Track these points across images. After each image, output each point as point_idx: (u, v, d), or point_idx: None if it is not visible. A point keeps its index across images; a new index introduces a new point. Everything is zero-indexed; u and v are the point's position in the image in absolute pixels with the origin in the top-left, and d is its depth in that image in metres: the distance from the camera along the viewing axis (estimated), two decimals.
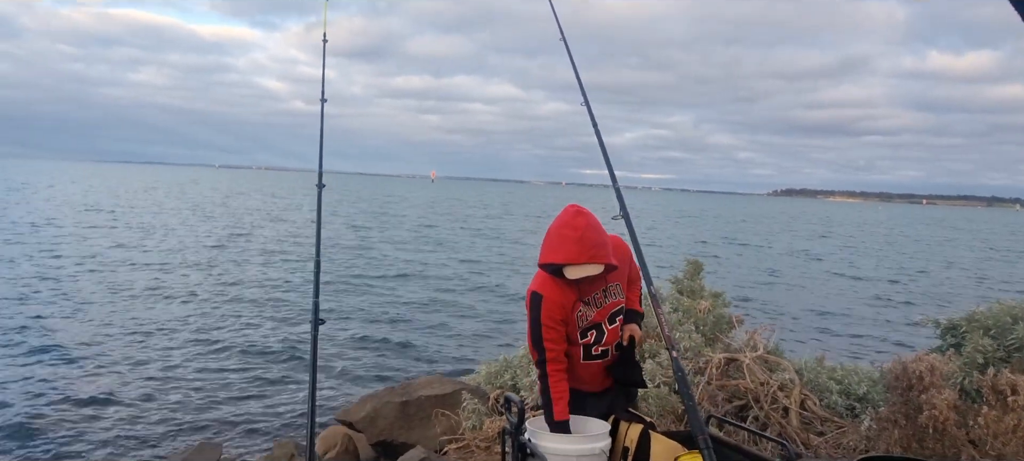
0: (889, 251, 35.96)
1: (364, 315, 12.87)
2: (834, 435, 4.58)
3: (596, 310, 2.72)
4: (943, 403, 3.15)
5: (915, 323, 5.44)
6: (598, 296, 2.72)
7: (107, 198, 49.82)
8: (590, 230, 2.51)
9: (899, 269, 26.52)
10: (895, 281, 22.49)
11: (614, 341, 2.79)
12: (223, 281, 15.94)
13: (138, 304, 12.78)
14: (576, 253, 2.48)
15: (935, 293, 20.10)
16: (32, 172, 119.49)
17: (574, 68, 2.89)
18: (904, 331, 13.63)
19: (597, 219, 2.58)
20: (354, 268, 19.35)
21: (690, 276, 6.85)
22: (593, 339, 2.75)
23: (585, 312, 2.70)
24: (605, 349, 2.79)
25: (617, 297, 2.79)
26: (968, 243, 45.94)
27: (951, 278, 24.23)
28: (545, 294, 2.64)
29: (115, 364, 8.96)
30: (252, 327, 11.42)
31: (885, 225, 72.31)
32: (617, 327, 2.79)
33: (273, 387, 8.36)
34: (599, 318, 2.74)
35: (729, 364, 5.37)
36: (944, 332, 4.88)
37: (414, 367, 9.49)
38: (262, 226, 32.51)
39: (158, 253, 20.43)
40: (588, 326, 2.73)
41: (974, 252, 38.16)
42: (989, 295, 19.22)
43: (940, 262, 30.76)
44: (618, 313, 2.79)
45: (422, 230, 35.27)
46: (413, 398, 6.10)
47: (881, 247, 38.68)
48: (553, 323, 2.63)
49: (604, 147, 2.78)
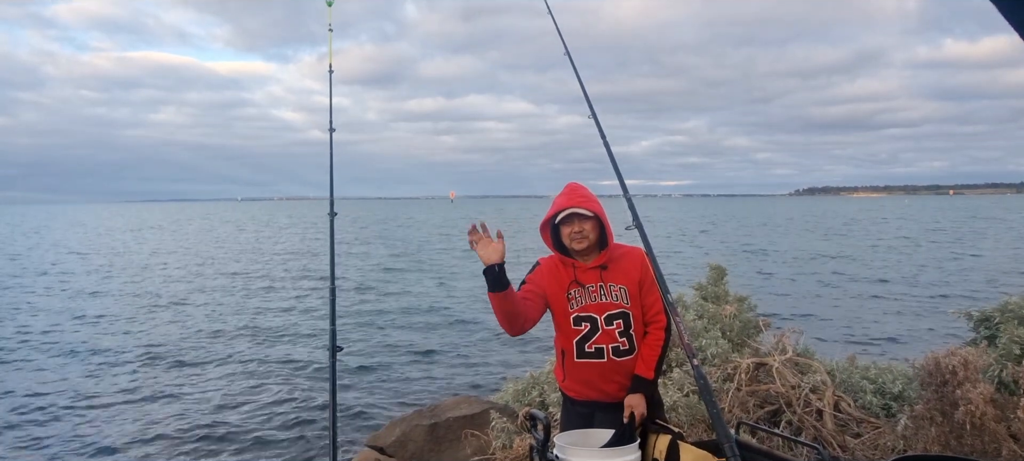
0: (912, 245, 35.31)
1: (387, 338, 12.91)
2: (871, 436, 4.48)
3: (590, 301, 2.80)
4: (979, 397, 3.07)
5: (953, 314, 5.31)
6: (593, 289, 2.81)
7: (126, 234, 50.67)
8: (579, 189, 2.88)
9: (922, 265, 26.03)
10: (916, 276, 22.08)
11: (610, 343, 2.80)
12: (242, 310, 16.10)
13: (152, 333, 13.06)
14: (564, 202, 2.81)
15: (965, 285, 19.67)
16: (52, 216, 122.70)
17: (579, 80, 2.92)
18: (938, 326, 13.36)
19: (590, 190, 2.91)
20: (373, 292, 19.45)
21: (714, 282, 6.79)
22: (586, 331, 2.80)
23: (577, 296, 2.80)
24: (599, 347, 2.80)
25: (619, 300, 2.81)
26: (996, 233, 44.96)
27: (979, 269, 23.70)
28: (542, 262, 2.94)
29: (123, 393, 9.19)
30: (274, 355, 11.51)
31: (911, 219, 71.06)
32: (614, 330, 2.80)
33: (299, 414, 8.39)
34: (595, 311, 2.80)
35: (758, 369, 5.29)
36: (977, 324, 4.77)
37: (441, 388, 9.47)
38: (279, 255, 32.81)
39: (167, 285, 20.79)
40: (581, 314, 2.80)
41: (1001, 242, 37.32)
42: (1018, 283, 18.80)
43: (968, 253, 30.12)
44: (618, 316, 2.81)
45: (440, 250, 35.37)
46: (442, 420, 6.09)
47: (906, 242, 37.99)
48: (535, 282, 2.85)
49: (613, 156, 2.80)
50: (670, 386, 4.87)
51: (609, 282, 2.81)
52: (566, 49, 2.96)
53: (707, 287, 6.77)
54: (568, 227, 2.81)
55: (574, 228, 2.80)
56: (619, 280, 2.82)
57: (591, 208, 2.79)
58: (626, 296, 2.81)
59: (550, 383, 5.98)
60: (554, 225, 2.88)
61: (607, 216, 2.83)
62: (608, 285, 2.81)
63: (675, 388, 4.86)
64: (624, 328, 2.81)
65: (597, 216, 2.80)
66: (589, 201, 2.82)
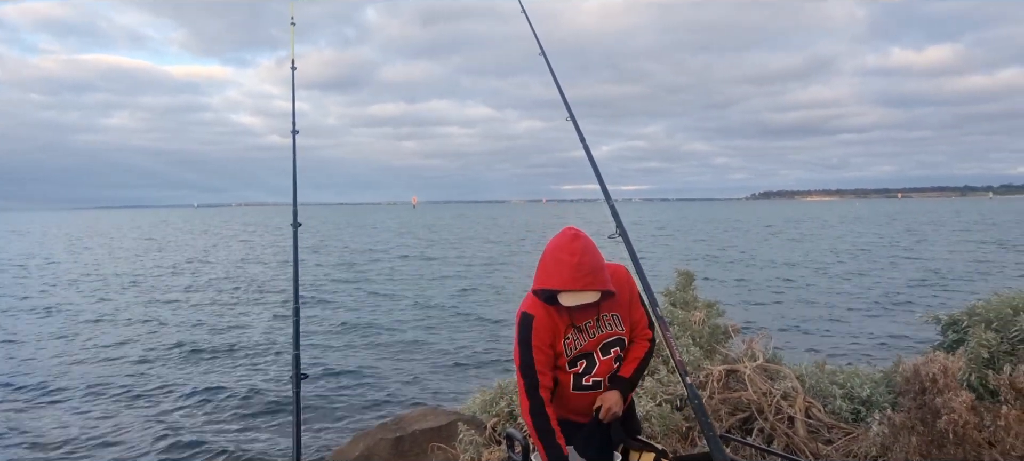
0: (866, 248, 36.25)
1: (350, 349, 12.60)
2: (843, 442, 4.45)
3: (588, 339, 2.58)
4: (962, 406, 3.05)
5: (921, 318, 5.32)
6: (590, 324, 2.57)
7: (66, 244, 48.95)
8: (587, 254, 2.40)
9: (876, 266, 26.71)
10: (865, 275, 22.63)
11: (607, 372, 2.63)
12: (198, 326, 15.57)
13: (103, 350, 12.44)
14: (571, 279, 2.36)
15: (921, 287, 20.21)
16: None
17: (555, 80, 2.79)
18: (896, 327, 13.65)
19: (594, 244, 2.47)
20: (333, 299, 19.08)
21: (682, 287, 6.76)
22: (583, 368, 2.61)
23: (575, 339, 2.56)
24: (597, 380, 2.63)
25: (614, 328, 2.63)
26: (941, 235, 46.48)
27: (931, 270, 24.40)
28: (536, 315, 2.53)
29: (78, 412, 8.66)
30: (233, 375, 10.93)
31: (862, 222, 73.10)
32: (611, 359, 2.63)
33: (260, 433, 8.08)
34: (591, 347, 2.59)
35: (729, 376, 5.24)
36: (945, 328, 4.80)
37: (406, 399, 9.25)
38: (241, 265, 32.03)
39: (122, 298, 19.99)
40: (578, 354, 2.59)
41: (949, 244, 38.61)
42: (970, 287, 19.38)
43: (917, 256, 31.03)
44: (614, 344, 2.63)
45: (403, 258, 35.01)
46: (407, 433, 5.91)
47: (859, 245, 39.00)
48: (543, 346, 2.52)
49: (593, 160, 2.67)
50: (643, 396, 4.78)
51: (603, 312, 2.62)
52: (541, 49, 2.84)
53: (676, 293, 6.73)
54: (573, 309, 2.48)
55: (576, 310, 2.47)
56: (612, 307, 2.63)
57: (605, 287, 2.42)
58: (619, 322, 2.64)
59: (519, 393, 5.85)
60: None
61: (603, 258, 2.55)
62: (603, 316, 2.61)
63: (648, 398, 4.77)
64: (620, 353, 2.67)
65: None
66: (599, 280, 2.41)
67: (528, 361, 2.52)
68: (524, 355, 2.54)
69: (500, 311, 16.68)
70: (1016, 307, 4.38)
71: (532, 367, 2.51)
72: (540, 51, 2.81)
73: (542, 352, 2.52)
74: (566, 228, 2.51)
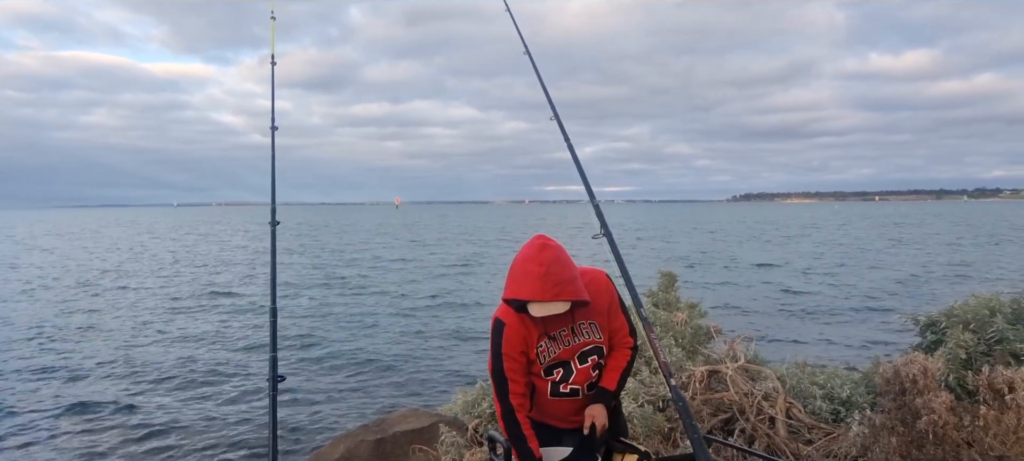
0: (845, 250, 36.69)
1: (330, 349, 12.49)
2: (823, 443, 4.49)
3: (562, 348, 2.55)
4: (941, 407, 3.07)
5: (900, 318, 5.38)
6: (565, 333, 2.54)
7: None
8: (555, 265, 2.34)
9: (855, 267, 27.04)
10: (843, 276, 22.90)
11: (585, 381, 2.61)
12: (175, 327, 15.37)
13: (80, 347, 12.23)
14: (540, 289, 2.31)
15: (898, 289, 20.47)
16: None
17: (540, 79, 2.77)
18: (874, 328, 13.81)
19: (565, 253, 2.40)
20: (313, 299, 18.93)
21: (665, 288, 6.78)
22: (560, 377, 2.59)
23: (548, 347, 2.54)
24: (575, 387, 2.61)
25: (590, 336, 2.59)
26: (922, 237, 47.16)
27: (911, 274, 24.74)
28: (508, 322, 2.51)
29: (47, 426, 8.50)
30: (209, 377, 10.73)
31: (842, 225, 73.96)
32: (589, 367, 2.59)
33: (236, 436, 7.96)
34: (567, 355, 2.57)
35: (711, 376, 5.26)
36: (923, 329, 4.85)
37: (387, 401, 9.19)
38: (218, 266, 31.68)
39: (96, 298, 19.69)
40: (553, 363, 2.57)
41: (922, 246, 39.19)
42: (948, 288, 19.67)
43: (895, 258, 31.45)
44: (591, 352, 2.60)
45: (385, 258, 34.84)
46: (388, 435, 5.86)
47: (837, 247, 39.45)
48: (514, 354, 2.51)
49: (578, 161, 2.65)
50: (626, 397, 4.78)
51: (579, 320, 2.57)
52: (526, 48, 2.82)
53: (658, 294, 6.76)
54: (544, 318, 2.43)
55: (549, 317, 2.41)
56: (589, 315, 2.57)
57: (573, 297, 2.35)
58: (597, 330, 2.59)
59: None
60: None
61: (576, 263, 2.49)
62: (578, 324, 2.56)
63: (630, 399, 4.77)
64: (598, 361, 2.63)
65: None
66: (567, 291, 2.34)
67: (498, 367, 2.53)
68: (495, 362, 2.54)
69: (481, 312, 16.65)
70: (993, 308, 4.44)
71: (502, 373, 2.52)
72: (525, 50, 2.79)
73: (513, 359, 2.51)
74: (535, 236, 2.45)
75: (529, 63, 3.08)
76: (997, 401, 3.07)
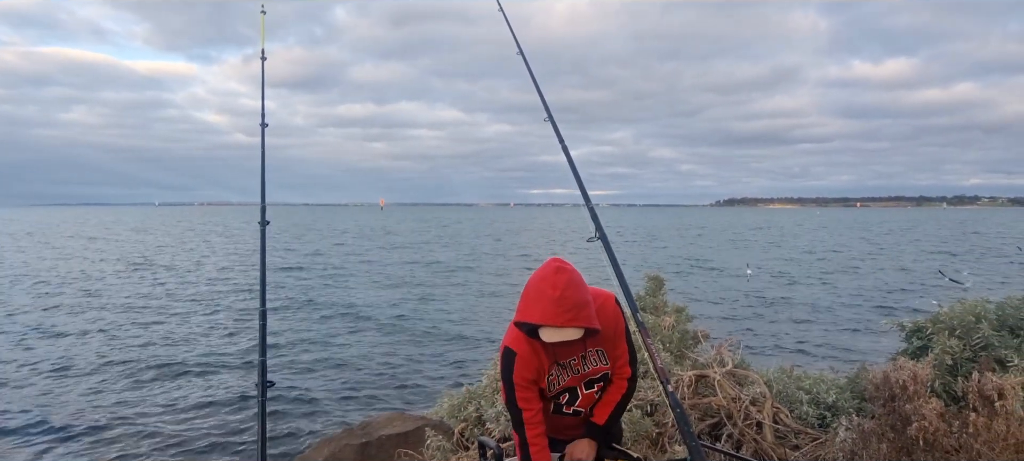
0: (829, 255, 37.04)
1: (314, 352, 12.37)
2: (810, 448, 4.49)
3: (571, 375, 2.53)
4: (932, 413, 3.08)
5: (886, 324, 5.40)
6: (575, 361, 2.51)
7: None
8: (571, 288, 2.25)
9: (836, 272, 27.28)
10: (829, 281, 23.10)
11: (589, 404, 2.60)
12: (160, 330, 15.16)
13: (61, 349, 12.02)
14: (553, 314, 2.22)
15: (883, 294, 20.66)
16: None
17: (533, 79, 2.74)
18: (858, 333, 13.91)
19: (580, 276, 2.32)
20: (297, 300, 18.76)
21: (652, 292, 6.76)
22: (566, 400, 2.59)
23: (558, 376, 2.50)
24: (579, 410, 2.61)
25: (598, 364, 2.56)
26: (904, 244, 47.73)
27: (891, 279, 25.00)
28: (518, 352, 2.44)
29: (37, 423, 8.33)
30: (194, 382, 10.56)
31: (823, 230, 74.68)
32: (594, 392, 2.58)
33: (220, 439, 7.85)
34: (574, 382, 2.55)
35: (699, 381, 5.25)
36: (909, 335, 4.87)
37: (372, 404, 9.10)
38: (202, 266, 31.34)
39: (76, 298, 19.39)
40: (561, 390, 2.55)
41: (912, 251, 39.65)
42: (931, 294, 19.89)
43: (878, 264, 31.79)
44: (598, 380, 2.59)
45: (370, 260, 34.65)
46: (374, 438, 5.79)
47: (821, 252, 39.81)
48: (525, 383, 2.45)
49: (572, 161, 2.62)
50: None
51: (590, 348, 2.53)
52: (520, 48, 2.79)
53: (645, 298, 6.74)
54: (556, 345, 2.37)
55: (560, 346, 2.37)
56: (598, 343, 2.52)
57: (585, 325, 2.27)
58: (604, 358, 2.57)
59: (487, 398, 5.78)
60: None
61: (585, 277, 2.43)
62: (588, 353, 2.52)
63: None
64: (603, 388, 2.62)
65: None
66: (582, 316, 2.25)
67: (511, 398, 2.48)
68: (508, 393, 2.50)
69: (467, 316, 16.59)
70: (978, 314, 4.46)
71: (515, 404, 2.47)
72: (518, 50, 2.77)
73: (525, 389, 2.45)
74: (550, 260, 2.37)
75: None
76: (986, 408, 3.09)
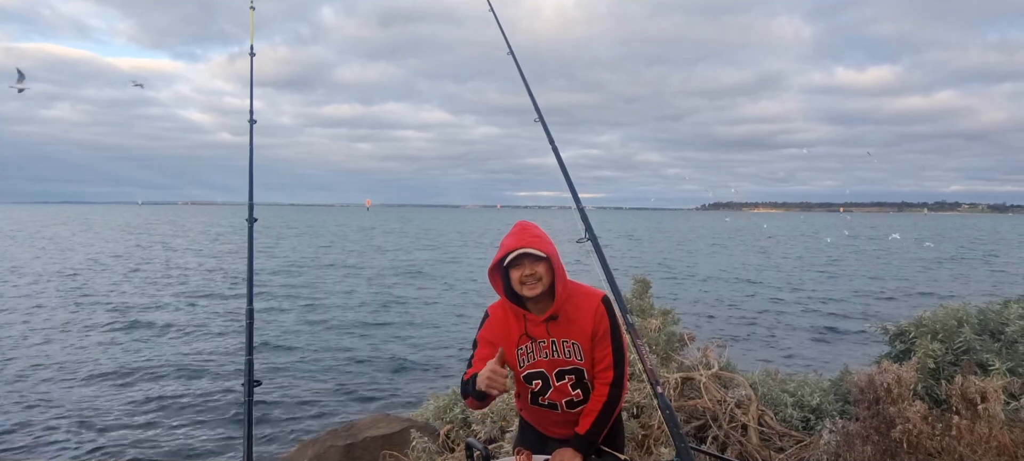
0: (814, 259, 37.36)
1: (298, 353, 12.29)
2: (794, 450, 4.51)
3: (541, 357, 2.62)
4: (916, 415, 3.11)
5: (870, 327, 5.46)
6: (544, 343, 2.61)
7: None
8: (529, 227, 2.63)
9: (820, 277, 27.53)
10: (813, 285, 23.32)
11: (562, 398, 2.66)
12: (143, 326, 15.00)
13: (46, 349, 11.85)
14: (512, 243, 2.55)
15: (866, 298, 20.87)
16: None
17: (524, 79, 2.75)
18: (841, 336, 14.04)
19: (544, 232, 2.64)
20: (281, 300, 18.64)
21: (638, 295, 6.77)
22: (538, 388, 2.66)
23: (528, 351, 2.62)
24: (553, 402, 2.67)
25: (572, 356, 2.61)
26: (890, 249, 48.27)
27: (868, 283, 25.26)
28: (493, 313, 2.71)
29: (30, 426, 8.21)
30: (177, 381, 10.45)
31: (807, 234, 75.33)
32: (566, 385, 2.64)
33: (202, 443, 7.77)
34: (545, 367, 2.63)
35: (685, 383, 5.27)
36: (892, 338, 4.92)
37: (357, 405, 9.05)
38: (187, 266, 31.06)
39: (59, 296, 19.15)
40: (533, 371, 2.63)
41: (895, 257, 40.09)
42: (914, 299, 20.12)
43: (862, 268, 32.12)
44: (570, 372, 2.63)
45: (355, 261, 34.50)
46: (358, 440, 5.76)
47: (807, 256, 40.16)
48: (485, 343, 2.66)
49: (562, 161, 2.64)
50: None
51: (561, 337, 2.60)
52: (510, 48, 2.79)
53: (632, 300, 6.74)
54: (518, 270, 2.54)
55: (525, 271, 2.52)
56: (571, 335, 2.60)
57: (543, 249, 2.52)
58: (579, 352, 2.61)
59: None
60: (504, 268, 2.57)
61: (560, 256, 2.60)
62: (560, 341, 2.60)
63: None
64: (577, 381, 2.65)
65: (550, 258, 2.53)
66: (541, 241, 2.56)
67: (473, 346, 2.70)
68: (474, 343, 2.72)
69: (453, 317, 16.55)
70: (960, 318, 4.51)
71: (470, 360, 2.66)
72: (508, 51, 2.77)
73: (487, 346, 2.63)
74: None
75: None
76: (969, 411, 3.12)
